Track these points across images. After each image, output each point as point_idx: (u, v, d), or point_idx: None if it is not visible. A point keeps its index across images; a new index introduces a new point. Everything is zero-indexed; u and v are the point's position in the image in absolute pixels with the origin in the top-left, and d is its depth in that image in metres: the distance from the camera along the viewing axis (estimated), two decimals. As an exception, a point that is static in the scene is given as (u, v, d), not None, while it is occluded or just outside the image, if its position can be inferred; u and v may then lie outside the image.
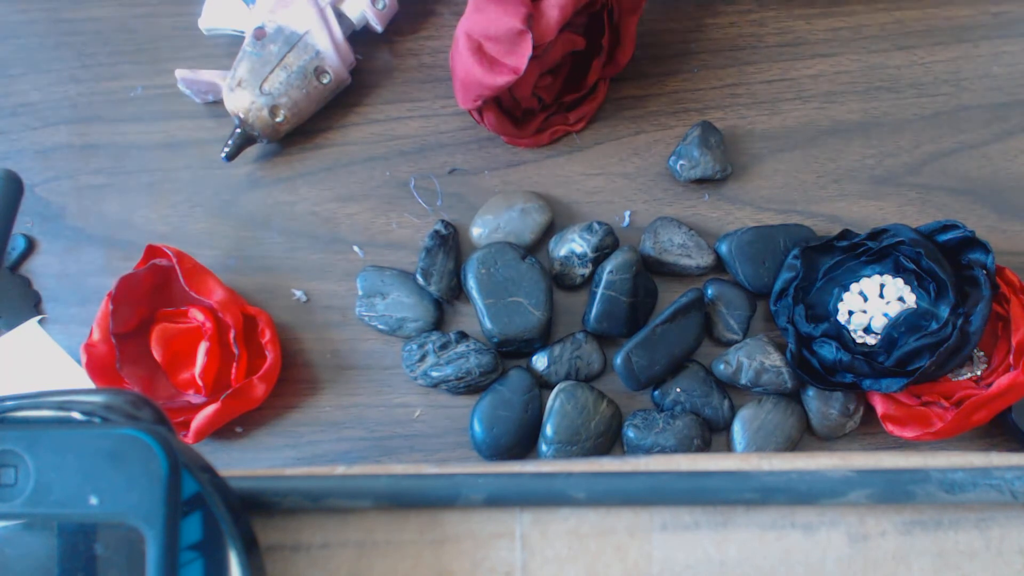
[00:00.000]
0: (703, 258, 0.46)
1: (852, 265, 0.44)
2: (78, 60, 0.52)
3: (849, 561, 0.26)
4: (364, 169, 0.50)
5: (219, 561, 0.22)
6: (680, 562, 0.26)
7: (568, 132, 0.49)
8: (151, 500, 0.20)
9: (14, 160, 0.51)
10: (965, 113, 0.49)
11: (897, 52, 0.50)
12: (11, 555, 0.23)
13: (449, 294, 0.46)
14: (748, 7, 0.52)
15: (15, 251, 0.49)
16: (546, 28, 0.41)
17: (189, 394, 0.45)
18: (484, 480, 0.26)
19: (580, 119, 0.49)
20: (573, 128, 0.49)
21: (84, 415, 0.22)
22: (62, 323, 0.48)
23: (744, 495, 0.26)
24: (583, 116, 0.49)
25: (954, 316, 0.41)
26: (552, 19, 0.41)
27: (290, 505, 0.26)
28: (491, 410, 0.44)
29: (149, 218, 0.49)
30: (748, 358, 0.44)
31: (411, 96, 0.51)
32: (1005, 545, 0.26)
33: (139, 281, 0.44)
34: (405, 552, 0.26)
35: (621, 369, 0.44)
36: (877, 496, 0.26)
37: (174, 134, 0.51)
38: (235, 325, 0.44)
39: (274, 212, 0.49)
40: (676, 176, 0.48)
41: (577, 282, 0.46)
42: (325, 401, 0.46)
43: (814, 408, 0.44)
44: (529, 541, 0.26)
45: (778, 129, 0.49)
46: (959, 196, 0.48)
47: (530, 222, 0.47)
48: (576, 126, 0.49)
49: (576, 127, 0.49)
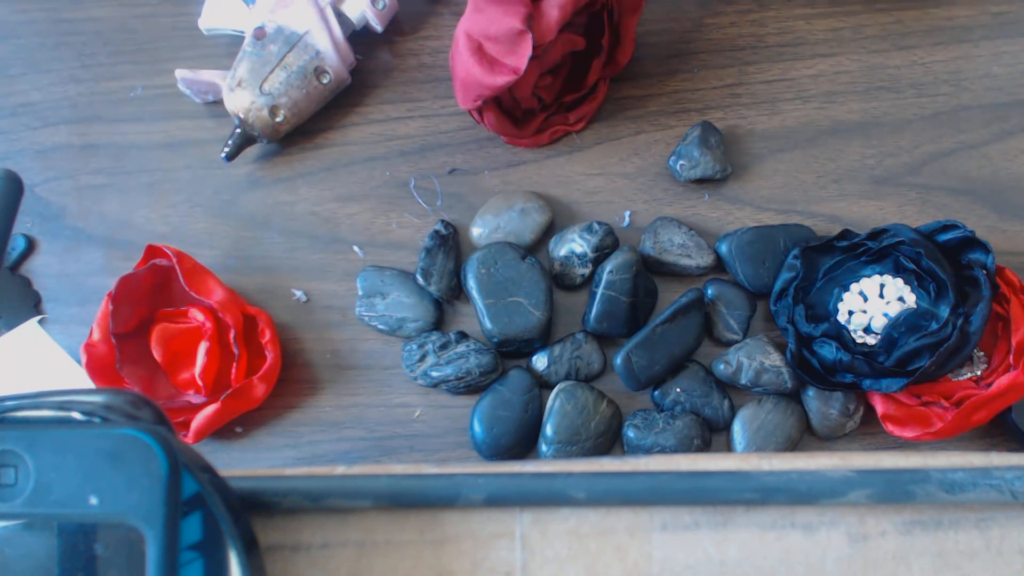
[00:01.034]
0: (703, 258, 0.46)
1: (852, 265, 0.44)
2: (78, 60, 0.52)
3: (849, 561, 0.26)
4: (364, 169, 0.50)
5: (219, 561, 0.22)
6: (680, 562, 0.26)
7: (568, 132, 0.49)
8: (151, 500, 0.20)
9: (14, 160, 0.51)
10: (965, 113, 0.49)
11: (897, 52, 0.50)
12: (11, 555, 0.23)
13: (449, 294, 0.46)
14: (748, 7, 0.52)
15: (15, 251, 0.49)
16: (546, 28, 0.41)
17: (189, 394, 0.45)
18: (484, 480, 0.26)
19: (580, 119, 0.49)
20: (573, 128, 0.49)
21: (84, 415, 0.22)
22: (62, 323, 0.48)
23: (744, 495, 0.26)
24: (583, 116, 0.49)
25: (954, 316, 0.41)
26: (552, 19, 0.41)
27: (290, 505, 0.26)
28: (491, 410, 0.44)
29: (149, 218, 0.49)
30: (748, 358, 0.44)
31: (411, 96, 0.51)
32: (1005, 545, 0.26)
33: (139, 281, 0.44)
34: (405, 552, 0.26)
35: (621, 369, 0.44)
36: (877, 496, 0.26)
37: (174, 134, 0.51)
38: (235, 325, 0.44)
39: (274, 212, 0.49)
40: (676, 176, 0.48)
41: (577, 282, 0.46)
42: (325, 401, 0.46)
43: (814, 408, 0.44)
44: (529, 541, 0.26)
45: (778, 129, 0.49)
46: (959, 196, 0.48)
47: (530, 222, 0.47)
48: (576, 126, 0.49)
49: (576, 127, 0.49)
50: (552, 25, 0.41)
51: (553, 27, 0.41)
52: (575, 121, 0.49)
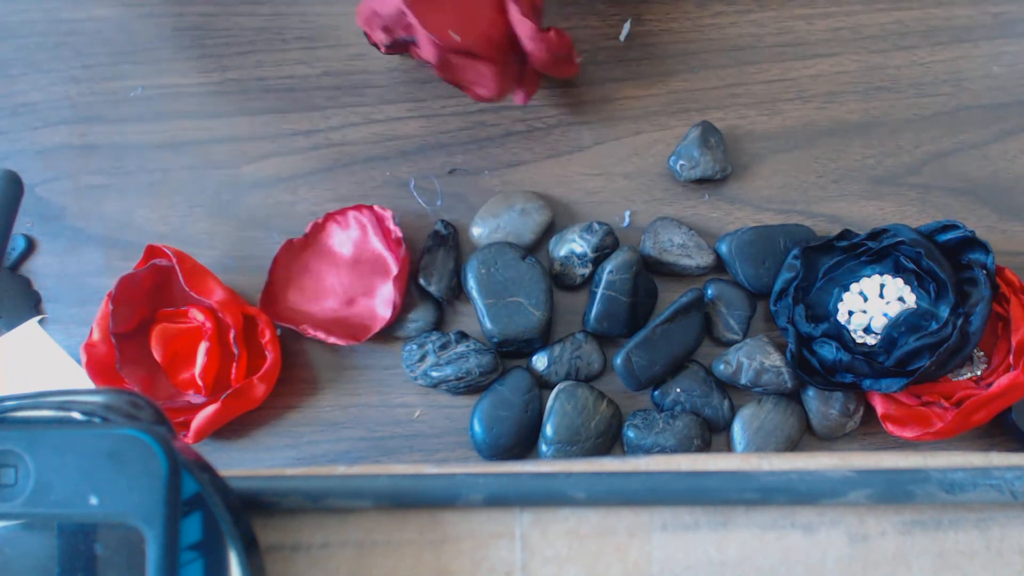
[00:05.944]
0: (703, 258, 0.46)
1: (852, 265, 0.44)
2: (78, 60, 0.52)
3: (849, 561, 0.26)
4: (364, 169, 0.50)
5: (219, 561, 0.22)
6: (680, 562, 0.26)
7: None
8: (151, 500, 0.20)
9: (14, 160, 0.51)
10: (965, 113, 0.49)
11: (897, 52, 0.50)
12: (11, 555, 0.23)
13: (449, 294, 0.46)
14: (748, 7, 0.52)
15: (15, 251, 0.49)
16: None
17: (189, 394, 0.45)
18: (484, 480, 0.26)
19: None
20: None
21: (84, 415, 0.22)
22: (62, 323, 0.48)
23: (744, 495, 0.26)
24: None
25: (954, 316, 0.41)
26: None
27: (290, 505, 0.26)
28: (491, 410, 0.44)
29: (149, 218, 0.49)
30: (748, 358, 0.44)
31: (411, 96, 0.51)
32: (1005, 545, 0.26)
33: (139, 281, 0.44)
34: (405, 552, 0.26)
35: (621, 369, 0.44)
36: (877, 496, 0.26)
37: (174, 134, 0.51)
38: (235, 325, 0.44)
39: (274, 212, 0.49)
40: (676, 176, 0.48)
41: (577, 282, 0.46)
42: (325, 401, 0.46)
43: (814, 408, 0.44)
44: (529, 541, 0.26)
45: (778, 129, 0.49)
46: (959, 196, 0.48)
47: (530, 222, 0.47)
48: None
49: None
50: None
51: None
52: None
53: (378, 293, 0.47)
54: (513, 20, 0.42)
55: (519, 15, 0.41)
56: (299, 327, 0.45)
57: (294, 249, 0.47)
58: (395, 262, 0.46)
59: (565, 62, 0.45)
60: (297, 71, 0.51)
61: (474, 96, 0.44)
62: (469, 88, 0.44)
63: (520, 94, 0.46)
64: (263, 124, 0.51)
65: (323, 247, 0.48)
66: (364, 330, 0.45)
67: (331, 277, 0.47)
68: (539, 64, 0.44)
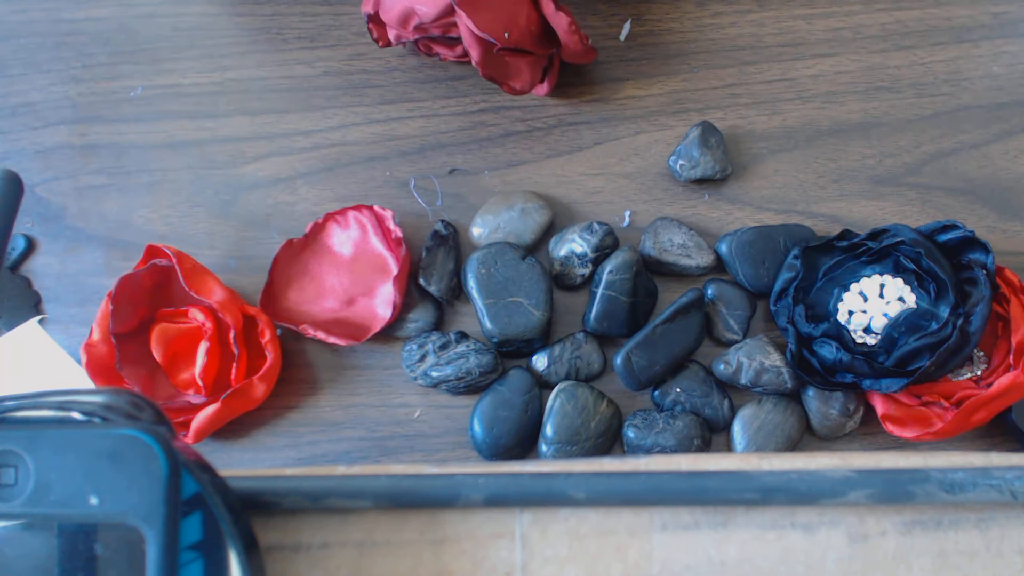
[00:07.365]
0: (703, 258, 0.46)
1: (852, 265, 0.44)
2: (78, 60, 0.52)
3: (849, 561, 0.26)
4: (364, 169, 0.50)
5: (219, 561, 0.22)
6: (680, 562, 0.26)
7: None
8: (151, 500, 0.20)
9: (14, 160, 0.51)
10: (965, 113, 0.49)
11: (897, 52, 0.50)
12: (11, 555, 0.23)
13: (449, 294, 0.46)
14: (748, 7, 0.52)
15: (15, 251, 0.49)
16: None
17: (189, 394, 0.45)
18: (484, 480, 0.26)
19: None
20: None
21: (84, 415, 0.22)
22: (62, 323, 0.48)
23: (744, 495, 0.26)
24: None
25: (954, 316, 0.41)
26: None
27: (290, 505, 0.26)
28: (491, 410, 0.44)
29: (149, 218, 0.49)
30: (748, 358, 0.44)
31: (411, 96, 0.51)
32: (1005, 545, 0.26)
33: (139, 281, 0.44)
34: (405, 552, 0.26)
35: (621, 369, 0.44)
36: (877, 496, 0.26)
37: (174, 134, 0.51)
38: (235, 325, 0.44)
39: (274, 212, 0.49)
40: (676, 176, 0.48)
41: (577, 282, 0.46)
42: (325, 401, 0.46)
43: (814, 408, 0.44)
44: (529, 541, 0.26)
45: (778, 129, 0.49)
46: (959, 196, 0.48)
47: (530, 222, 0.47)
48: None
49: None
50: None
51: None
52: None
53: (378, 293, 0.47)
54: (548, 14, 0.44)
55: (553, 9, 0.43)
56: (299, 327, 0.45)
57: (294, 249, 0.47)
58: (395, 262, 0.47)
59: (590, 50, 0.47)
60: (297, 71, 0.51)
61: (508, 90, 0.46)
62: (505, 82, 0.46)
63: (545, 85, 0.48)
64: (263, 124, 0.51)
65: (323, 247, 0.48)
66: (364, 330, 0.45)
67: (331, 277, 0.47)
68: (570, 55, 0.46)
